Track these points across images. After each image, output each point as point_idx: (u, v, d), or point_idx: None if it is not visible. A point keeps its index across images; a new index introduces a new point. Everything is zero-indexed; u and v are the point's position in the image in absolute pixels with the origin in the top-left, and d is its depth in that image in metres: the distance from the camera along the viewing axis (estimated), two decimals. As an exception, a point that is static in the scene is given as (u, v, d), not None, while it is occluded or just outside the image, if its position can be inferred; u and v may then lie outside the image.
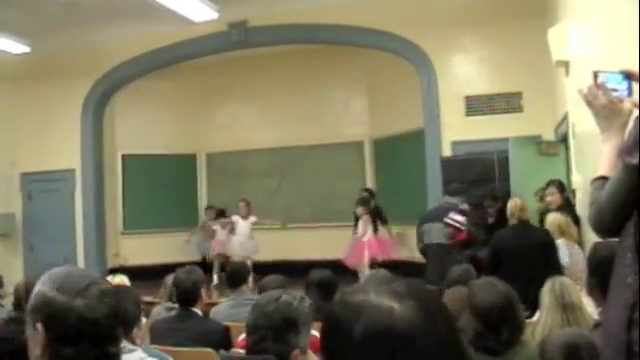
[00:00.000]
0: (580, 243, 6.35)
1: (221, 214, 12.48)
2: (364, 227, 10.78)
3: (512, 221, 6.47)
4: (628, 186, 1.86)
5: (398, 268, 8.57)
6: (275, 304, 2.67)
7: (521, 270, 5.64)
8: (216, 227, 12.20)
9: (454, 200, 7.83)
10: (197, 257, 12.16)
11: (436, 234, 7.48)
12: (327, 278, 5.81)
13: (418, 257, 9.07)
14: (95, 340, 1.74)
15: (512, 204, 6.55)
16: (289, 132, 13.24)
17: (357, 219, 10.84)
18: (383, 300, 1.18)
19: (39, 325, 1.75)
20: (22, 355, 1.78)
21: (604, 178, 2.04)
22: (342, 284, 6.09)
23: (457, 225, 7.36)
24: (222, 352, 3.41)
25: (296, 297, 2.76)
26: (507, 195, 7.62)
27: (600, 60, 5.01)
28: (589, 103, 2.19)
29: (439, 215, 7.63)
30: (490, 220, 8.35)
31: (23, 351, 1.76)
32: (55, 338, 1.74)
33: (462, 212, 7.84)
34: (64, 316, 1.74)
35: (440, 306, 1.23)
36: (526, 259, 5.93)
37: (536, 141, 8.64)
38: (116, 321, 1.79)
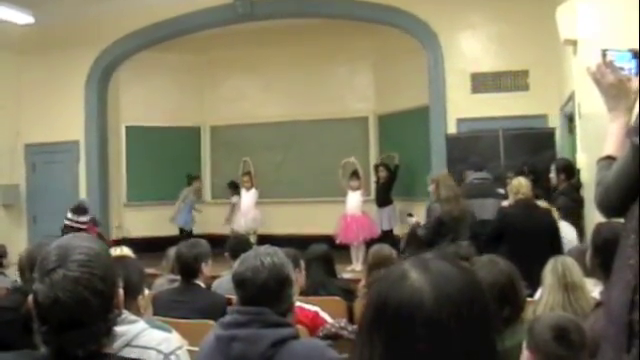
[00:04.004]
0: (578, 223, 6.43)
1: (234, 187, 12.60)
2: (356, 201, 10.88)
3: (517, 197, 6.49)
4: (635, 166, 1.85)
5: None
6: (265, 272, 2.58)
7: (525, 249, 5.65)
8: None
9: (485, 174, 7.72)
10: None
11: (481, 211, 7.31)
12: (328, 253, 5.84)
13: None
14: (53, 326, 1.73)
15: (517, 182, 6.59)
16: (294, 106, 13.20)
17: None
18: (416, 278, 1.20)
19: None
20: (26, 324, 1.78)
21: (610, 158, 2.03)
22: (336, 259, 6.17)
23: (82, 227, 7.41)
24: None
25: (270, 253, 2.67)
26: (531, 171, 7.65)
27: (609, 40, 4.97)
28: (597, 81, 2.18)
29: (482, 191, 7.51)
30: None
31: (27, 320, 1.77)
32: (37, 316, 1.76)
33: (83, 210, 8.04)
34: (33, 297, 1.76)
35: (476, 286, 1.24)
36: (532, 239, 5.95)
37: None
38: (79, 308, 1.72)
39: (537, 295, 4.00)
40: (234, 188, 12.56)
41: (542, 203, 6.55)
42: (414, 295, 1.16)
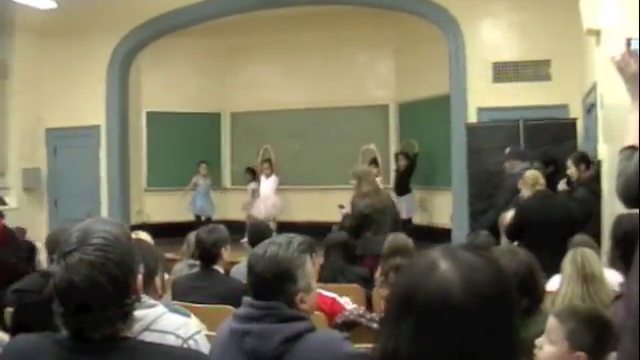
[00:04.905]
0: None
1: (252, 173, 12.65)
2: None
3: (535, 188, 6.49)
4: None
5: (420, 233, 8.59)
6: (262, 262, 2.53)
7: (543, 240, 5.63)
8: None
9: (528, 165, 7.64)
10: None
11: None
12: (347, 241, 5.86)
13: (440, 223, 9.04)
14: (70, 308, 1.74)
15: (530, 175, 6.62)
16: (314, 93, 13.17)
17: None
18: (445, 268, 1.20)
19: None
20: (48, 306, 1.80)
21: (632, 148, 2.01)
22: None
23: None
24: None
25: (280, 244, 2.58)
26: (553, 161, 7.59)
27: (633, 30, 4.92)
28: (621, 70, 2.16)
29: None
30: None
31: (49, 303, 1.78)
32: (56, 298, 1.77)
33: None
34: (52, 279, 1.77)
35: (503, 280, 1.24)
36: (550, 230, 5.92)
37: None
38: (93, 292, 1.72)
39: (549, 284, 3.98)
40: (252, 174, 12.61)
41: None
42: (443, 285, 1.17)
